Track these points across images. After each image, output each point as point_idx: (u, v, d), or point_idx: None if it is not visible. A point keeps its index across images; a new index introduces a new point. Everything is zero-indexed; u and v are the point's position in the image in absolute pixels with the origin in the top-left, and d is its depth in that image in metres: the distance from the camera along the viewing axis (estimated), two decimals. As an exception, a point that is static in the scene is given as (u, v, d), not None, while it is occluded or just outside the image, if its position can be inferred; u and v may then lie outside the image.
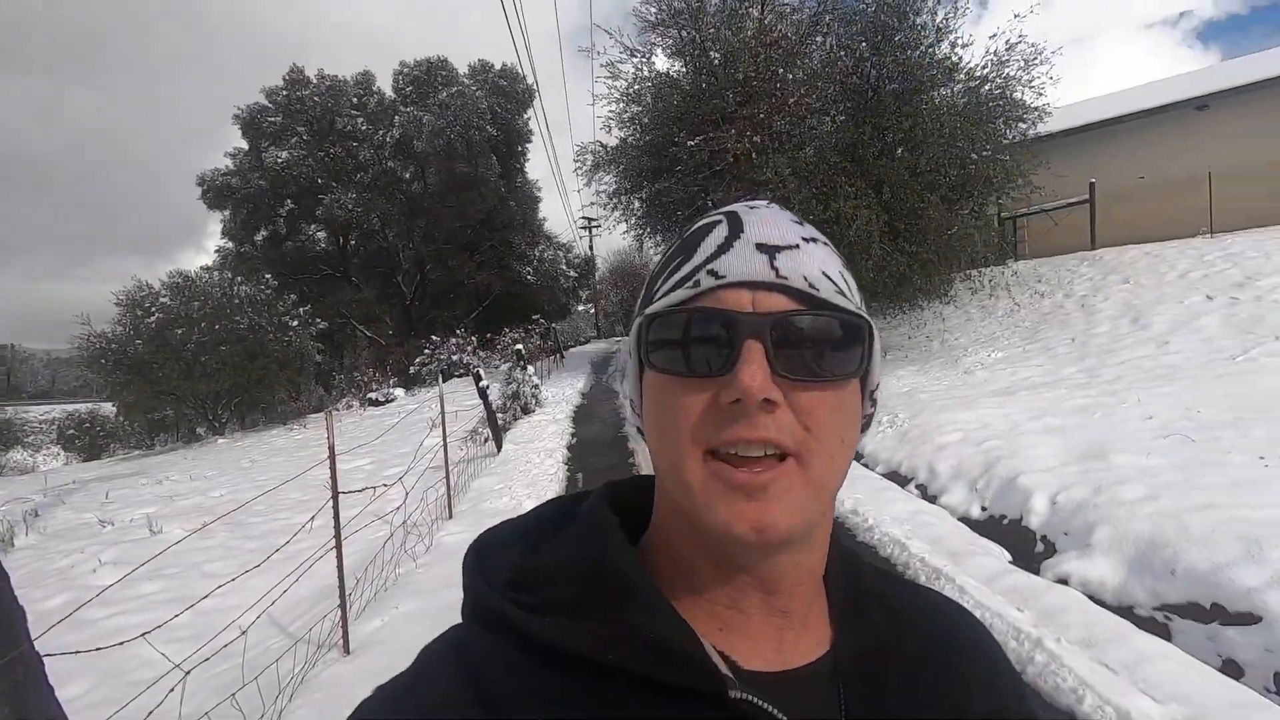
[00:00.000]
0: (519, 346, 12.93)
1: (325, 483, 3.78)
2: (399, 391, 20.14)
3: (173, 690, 2.26)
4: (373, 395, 19.62)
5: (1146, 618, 3.62)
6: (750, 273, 0.44)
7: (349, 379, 24.91)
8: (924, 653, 0.50)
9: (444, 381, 8.38)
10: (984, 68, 11.61)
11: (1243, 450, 5.04)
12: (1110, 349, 8.90)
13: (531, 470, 7.21)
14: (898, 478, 6.55)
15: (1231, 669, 3.10)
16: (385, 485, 4.78)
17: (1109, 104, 16.64)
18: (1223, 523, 3.88)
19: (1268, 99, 13.56)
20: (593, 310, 45.39)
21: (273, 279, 19.82)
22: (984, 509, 5.41)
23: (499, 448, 9.01)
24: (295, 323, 18.75)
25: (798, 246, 0.46)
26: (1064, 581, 4.09)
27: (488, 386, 8.76)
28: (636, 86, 12.57)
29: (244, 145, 25.78)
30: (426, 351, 20.52)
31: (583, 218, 37.45)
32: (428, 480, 6.28)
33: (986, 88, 11.62)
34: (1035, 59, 11.46)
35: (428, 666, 0.47)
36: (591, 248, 40.03)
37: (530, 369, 12.75)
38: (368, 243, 27.69)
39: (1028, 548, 4.65)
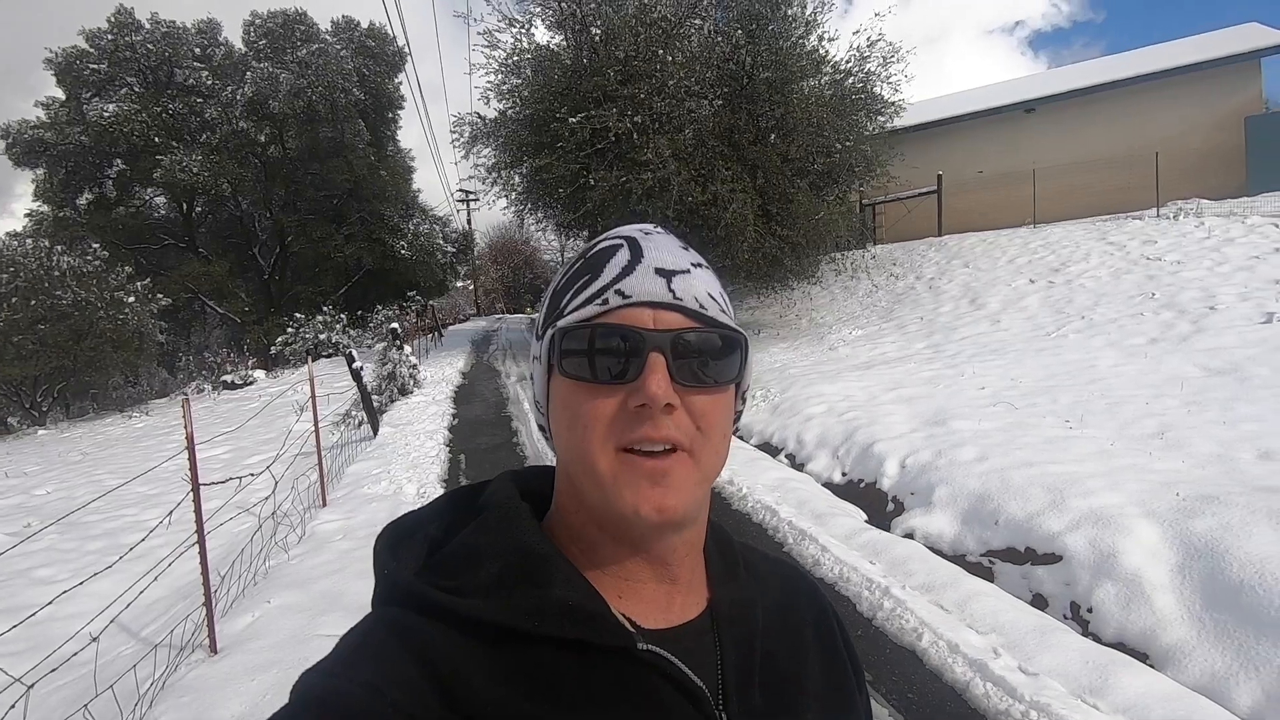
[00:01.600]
0: (394, 325, 12.38)
1: (180, 475, 3.50)
2: (259, 373, 18.68)
3: (13, 706, 2.05)
4: (228, 378, 18.07)
5: (975, 562, 4.15)
6: (652, 293, 0.51)
7: (198, 360, 22.79)
8: (777, 605, 0.62)
9: (312, 362, 7.90)
10: (848, 62, 12.38)
11: (1053, 414, 5.84)
12: (953, 326, 9.91)
13: (411, 453, 7.00)
14: (769, 448, 6.99)
15: (1039, 602, 3.64)
16: (252, 475, 4.49)
17: (954, 103, 18.24)
18: (1036, 477, 4.50)
19: (1083, 105, 15.47)
20: (472, 287, 44.08)
21: (101, 248, 17.61)
22: (844, 474, 5.91)
23: (375, 431, 8.65)
24: (132, 298, 16.82)
25: (689, 271, 0.54)
26: (910, 536, 4.58)
27: (361, 367, 8.35)
28: (516, 58, 12.27)
29: (60, 94, 22.54)
30: (290, 330, 19.14)
31: (460, 191, 36.13)
32: (298, 468, 5.95)
33: (850, 81, 12.39)
34: (893, 56, 12.36)
35: (367, 648, 0.48)
36: (470, 222, 38.75)
37: (407, 348, 12.26)
38: (217, 210, 25.23)
39: (881, 507, 5.15)
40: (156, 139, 21.99)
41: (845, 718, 0.61)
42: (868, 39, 12.15)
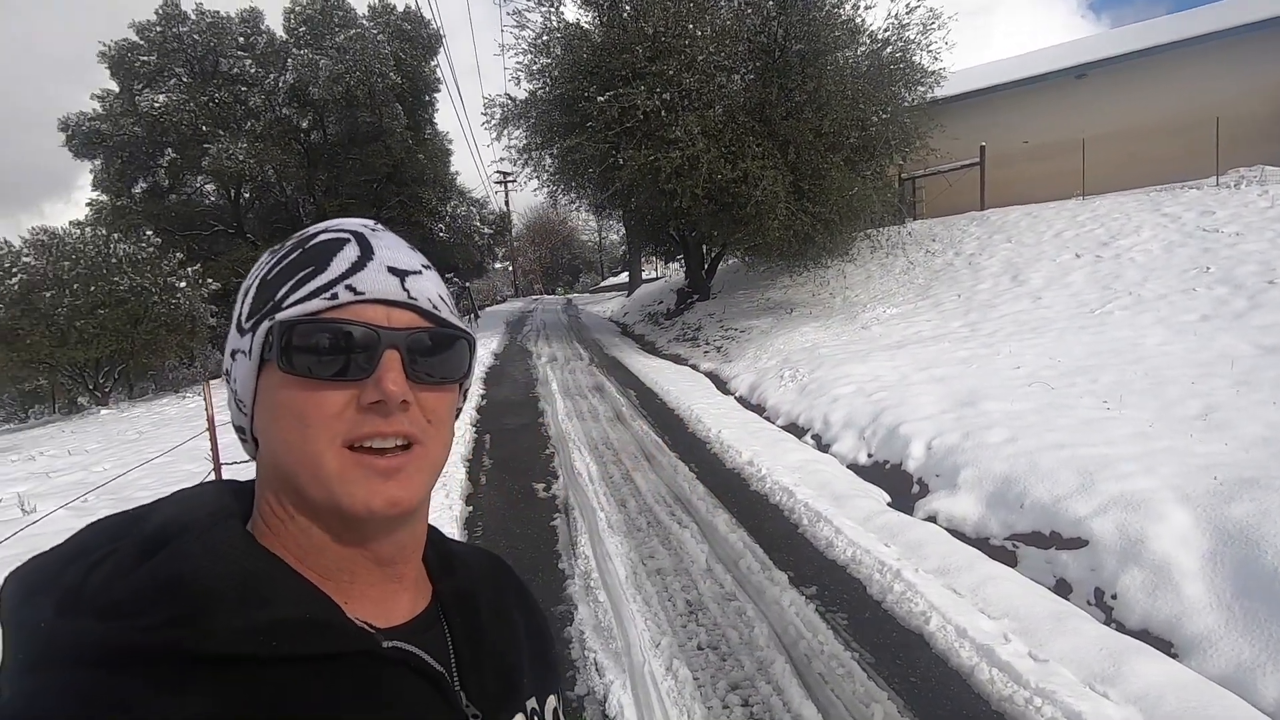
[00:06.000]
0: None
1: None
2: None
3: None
4: (275, 359, 18.64)
5: (998, 546, 4.05)
6: (386, 292, 0.52)
7: (249, 342, 23.59)
8: (490, 590, 0.65)
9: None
10: (885, 30, 11.95)
11: (1092, 395, 5.62)
12: (992, 304, 9.59)
13: (440, 433, 7.16)
14: (796, 429, 6.91)
15: (1062, 587, 3.54)
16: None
17: (999, 70, 17.48)
18: (1066, 460, 4.35)
19: (1138, 69, 14.60)
20: (510, 268, 44.51)
21: (155, 235, 18.32)
22: (870, 455, 5.82)
23: (408, 411, 8.85)
24: (183, 283, 17.48)
25: (420, 272, 0.55)
26: (932, 519, 4.50)
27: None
28: (546, 37, 12.21)
29: (113, 87, 23.36)
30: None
31: (498, 173, 36.32)
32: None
33: (888, 50, 11.97)
34: (933, 23, 11.89)
35: None
36: (508, 203, 39.00)
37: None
38: (264, 196, 25.92)
39: (905, 489, 5.06)
40: (204, 127, 22.64)
41: (550, 675, 0.68)
42: (906, 5, 11.71)
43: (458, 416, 0.59)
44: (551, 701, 0.66)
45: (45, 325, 14.86)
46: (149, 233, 18.37)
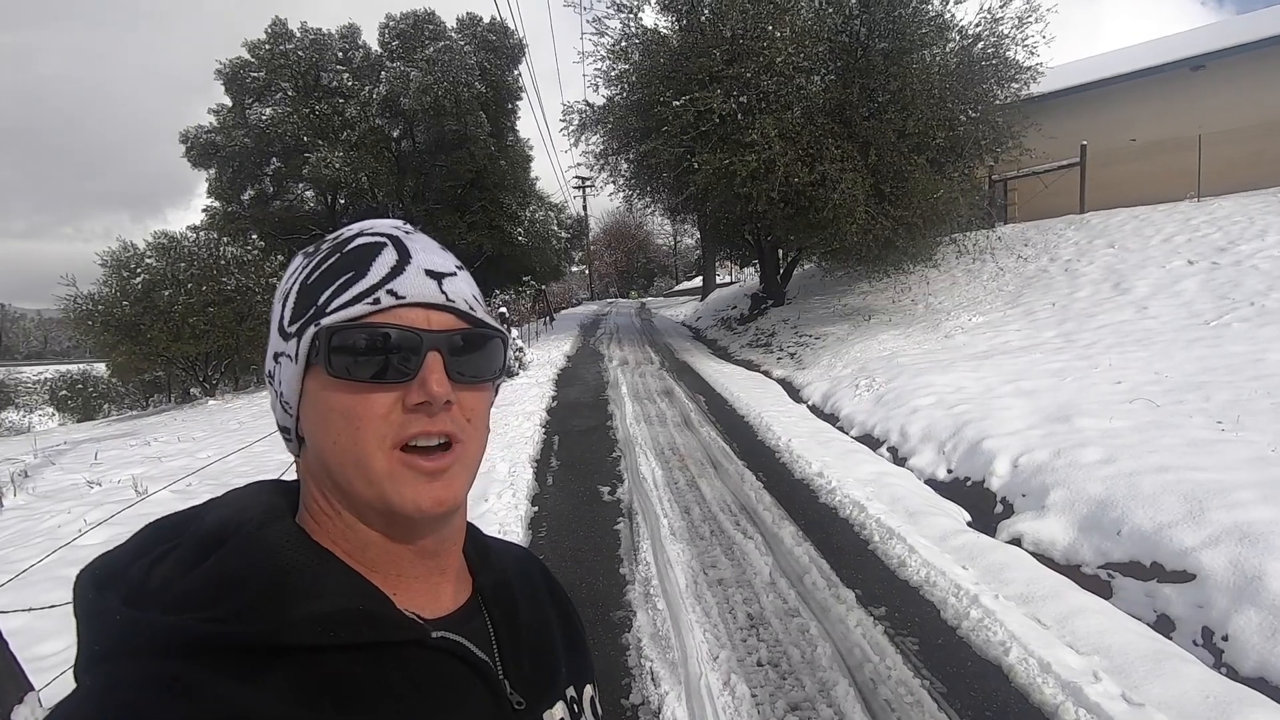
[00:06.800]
0: (503, 310, 12.94)
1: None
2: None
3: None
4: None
5: (1091, 576, 3.75)
6: (426, 295, 0.53)
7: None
8: (524, 582, 0.68)
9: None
10: (977, 25, 11.42)
11: (1203, 414, 5.14)
12: (1090, 313, 8.96)
13: (509, 433, 7.30)
14: (870, 440, 6.66)
15: (1164, 624, 3.24)
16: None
17: (1104, 64, 16.34)
18: (1171, 484, 3.99)
19: (1265, 58, 13.26)
20: (586, 271, 45.18)
21: (259, 239, 19.65)
22: (950, 471, 5.52)
23: (482, 410, 9.07)
24: (283, 284, 18.67)
25: (454, 274, 0.57)
26: (1017, 541, 4.22)
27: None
28: (624, 43, 12.34)
29: (227, 101, 25.22)
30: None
31: (576, 178, 36.96)
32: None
33: (979, 46, 11.43)
34: (1029, 16, 11.26)
35: None
36: (585, 208, 39.61)
37: (514, 332, 12.78)
38: (357, 202, 27.32)
39: (988, 508, 4.77)
40: (305, 138, 24.10)
41: (585, 665, 0.70)
42: (1000, -2, 11.15)
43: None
44: (589, 691, 0.69)
45: (163, 321, 16.19)
46: (254, 236, 19.71)
